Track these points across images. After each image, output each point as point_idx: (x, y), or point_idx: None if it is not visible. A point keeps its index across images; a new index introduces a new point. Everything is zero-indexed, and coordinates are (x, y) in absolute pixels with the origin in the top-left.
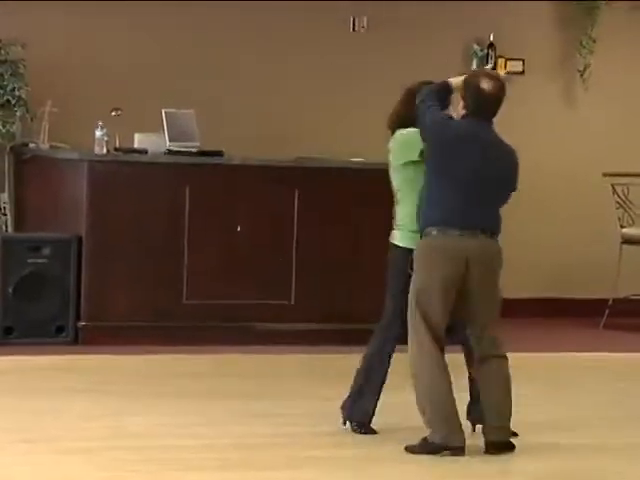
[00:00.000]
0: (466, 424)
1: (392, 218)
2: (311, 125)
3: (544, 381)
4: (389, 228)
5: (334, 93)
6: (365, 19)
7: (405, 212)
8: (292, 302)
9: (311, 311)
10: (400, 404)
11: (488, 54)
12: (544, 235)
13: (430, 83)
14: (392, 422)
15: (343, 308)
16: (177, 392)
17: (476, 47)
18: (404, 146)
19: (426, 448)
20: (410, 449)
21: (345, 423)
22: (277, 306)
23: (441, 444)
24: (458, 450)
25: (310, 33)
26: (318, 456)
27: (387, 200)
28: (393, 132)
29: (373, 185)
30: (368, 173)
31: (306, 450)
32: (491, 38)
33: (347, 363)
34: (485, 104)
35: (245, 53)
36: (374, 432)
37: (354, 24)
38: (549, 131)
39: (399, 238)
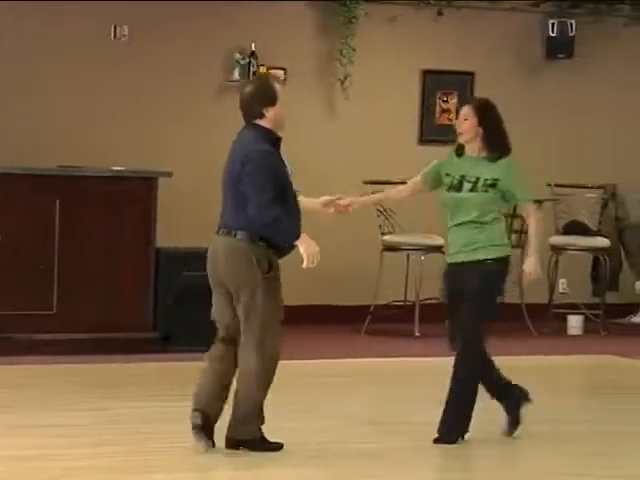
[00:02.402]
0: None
1: (152, 225)
2: (72, 133)
3: (309, 389)
4: (148, 235)
5: (96, 101)
6: (126, 28)
7: None
8: (54, 312)
9: (73, 321)
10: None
11: (250, 63)
12: None
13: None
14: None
15: (106, 317)
16: None
17: (238, 56)
18: None
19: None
20: None
21: None
22: (39, 316)
23: None
24: None
25: (71, 40)
26: (83, 466)
27: (146, 207)
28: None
29: (134, 194)
30: (128, 181)
31: (71, 461)
32: (253, 47)
33: (108, 372)
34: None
35: (5, 60)
36: None
37: (115, 32)
38: (311, 139)
39: None
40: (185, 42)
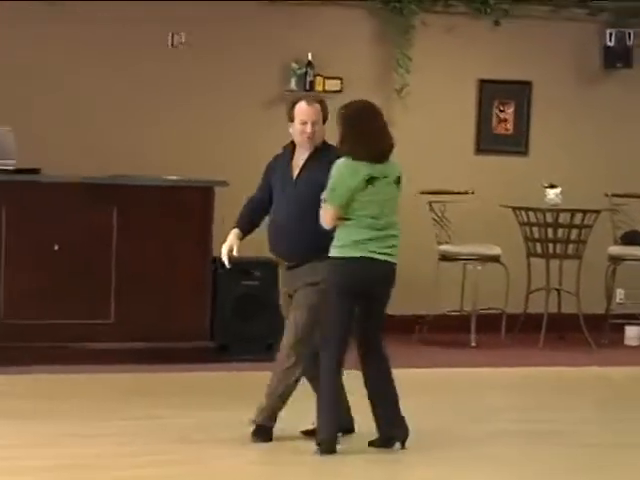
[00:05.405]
0: None
1: (209, 234)
2: (128, 143)
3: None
4: (205, 245)
5: (154, 110)
6: (184, 35)
7: None
8: (111, 321)
9: (130, 330)
10: None
11: (306, 73)
12: None
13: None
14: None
15: (163, 326)
16: None
17: (294, 65)
18: None
19: None
20: None
21: None
22: (96, 325)
23: None
24: None
25: (129, 48)
26: (129, 476)
27: (203, 217)
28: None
29: (191, 203)
30: (185, 190)
31: (117, 470)
32: (309, 57)
33: (164, 382)
34: None
35: (64, 69)
36: None
37: (173, 40)
38: None
39: None
40: (243, 50)
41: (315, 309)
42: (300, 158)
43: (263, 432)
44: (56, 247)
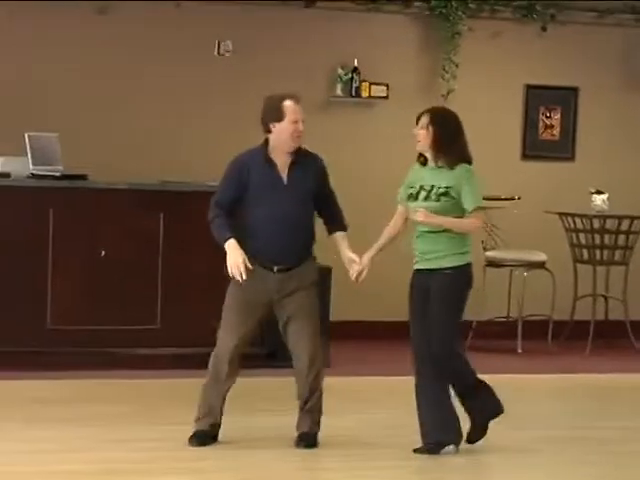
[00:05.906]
0: None
1: None
2: (176, 148)
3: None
4: None
5: (199, 117)
6: (230, 43)
7: None
8: (158, 326)
9: (177, 335)
10: None
11: (352, 79)
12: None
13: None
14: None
15: (209, 332)
16: (36, 418)
17: (340, 71)
18: None
19: None
20: None
21: None
22: (143, 331)
23: None
24: None
25: (175, 56)
26: None
27: None
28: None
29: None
30: None
31: (166, 476)
32: (355, 63)
33: None
34: None
35: (108, 76)
36: None
37: (219, 48)
38: (413, 154)
39: None
40: (289, 57)
41: (317, 311)
42: (284, 160)
43: (306, 439)
44: (103, 253)
